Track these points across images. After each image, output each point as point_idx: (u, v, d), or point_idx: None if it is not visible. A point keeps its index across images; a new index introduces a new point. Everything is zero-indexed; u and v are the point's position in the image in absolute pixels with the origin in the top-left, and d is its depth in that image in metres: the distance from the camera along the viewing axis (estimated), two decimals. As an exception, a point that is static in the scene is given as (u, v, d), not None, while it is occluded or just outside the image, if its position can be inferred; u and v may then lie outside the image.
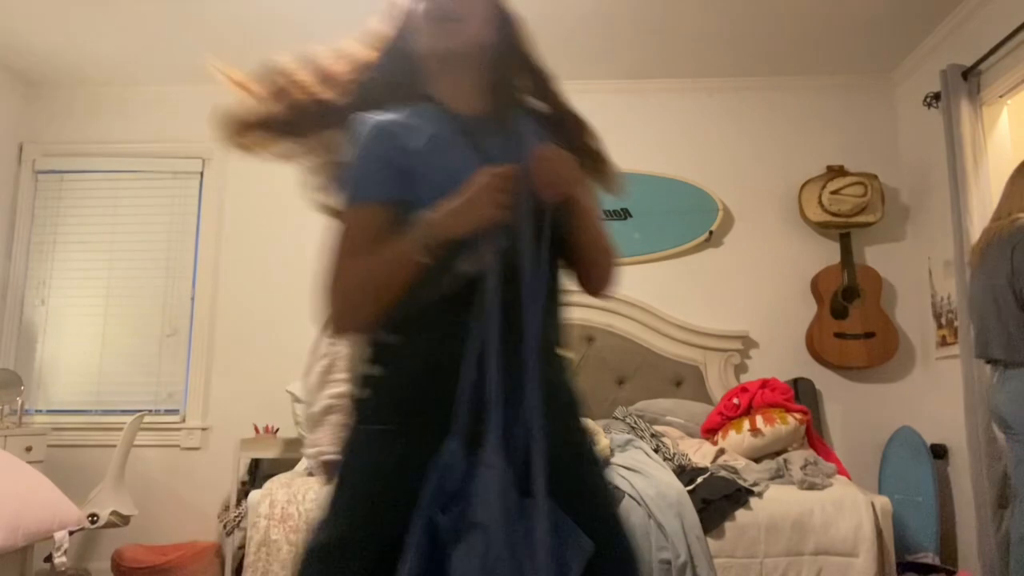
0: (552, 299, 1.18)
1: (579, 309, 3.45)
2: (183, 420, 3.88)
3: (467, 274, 1.08)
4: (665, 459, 2.80)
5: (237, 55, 3.98)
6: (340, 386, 1.52)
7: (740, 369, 3.82)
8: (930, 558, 3.13)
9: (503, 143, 1.18)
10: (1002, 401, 2.42)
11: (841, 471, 2.97)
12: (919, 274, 3.73)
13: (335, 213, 1.24)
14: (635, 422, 3.16)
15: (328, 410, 1.51)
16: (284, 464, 3.47)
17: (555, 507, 1.01)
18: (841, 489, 2.58)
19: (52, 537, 2.35)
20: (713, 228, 3.93)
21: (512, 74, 1.28)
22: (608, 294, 1.28)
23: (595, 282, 1.26)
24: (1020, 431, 2.36)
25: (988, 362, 2.57)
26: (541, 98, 1.31)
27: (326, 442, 1.45)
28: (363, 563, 1.03)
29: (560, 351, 1.20)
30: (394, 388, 1.12)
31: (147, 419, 3.73)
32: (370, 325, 1.17)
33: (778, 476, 2.75)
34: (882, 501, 2.54)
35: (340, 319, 1.21)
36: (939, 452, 3.42)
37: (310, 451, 1.47)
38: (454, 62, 1.22)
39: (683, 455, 2.86)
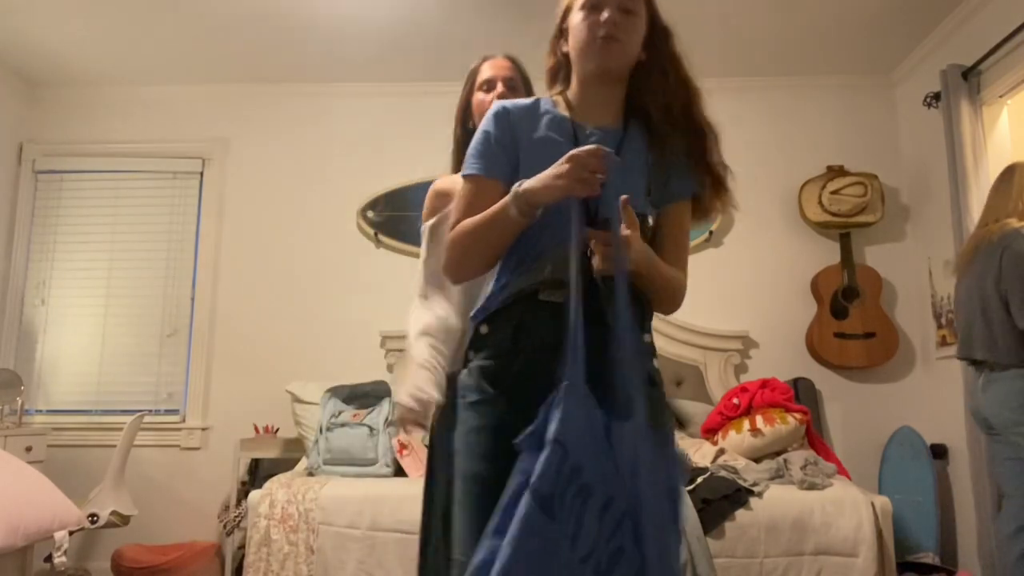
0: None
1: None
2: (183, 420, 3.88)
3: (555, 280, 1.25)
4: (665, 459, 2.80)
5: (237, 55, 4.03)
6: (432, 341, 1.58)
7: (740, 369, 3.82)
8: (930, 558, 3.13)
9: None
10: (985, 403, 2.46)
11: (841, 471, 2.97)
12: (919, 274, 3.73)
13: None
14: (635, 422, 3.15)
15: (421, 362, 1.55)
16: (284, 464, 3.48)
17: (655, 430, 1.15)
18: (841, 489, 2.58)
19: (52, 537, 2.35)
20: (713, 228, 3.93)
21: (649, 90, 1.39)
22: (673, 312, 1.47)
23: (663, 307, 1.47)
24: (1002, 432, 2.39)
25: (971, 364, 2.59)
26: (682, 111, 1.40)
27: (424, 384, 1.49)
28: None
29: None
30: (484, 368, 1.30)
31: (147, 419, 3.73)
32: (475, 274, 1.36)
33: (778, 476, 2.75)
34: (882, 501, 2.54)
35: (449, 267, 1.36)
36: (939, 452, 3.42)
37: (408, 391, 1.49)
38: (602, 78, 1.37)
39: (683, 455, 2.86)
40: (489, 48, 4.03)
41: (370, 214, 4.02)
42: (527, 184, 1.24)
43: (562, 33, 1.41)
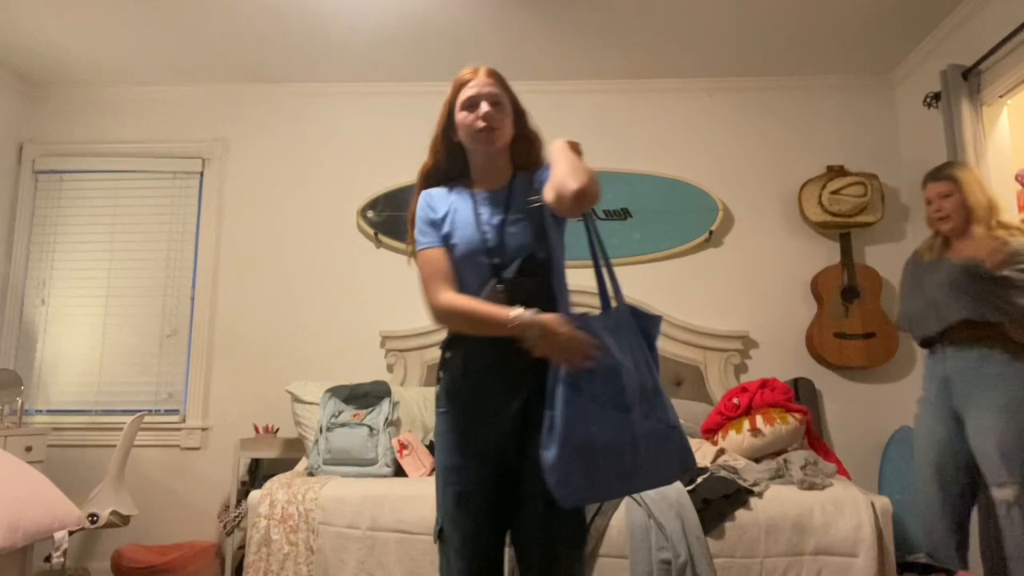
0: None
1: (579, 310, 3.44)
2: (183, 420, 3.88)
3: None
4: (665, 459, 2.80)
5: (237, 55, 4.03)
6: None
7: (740, 369, 3.82)
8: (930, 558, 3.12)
9: (496, 209, 1.75)
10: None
11: (841, 471, 2.97)
12: (919, 274, 3.73)
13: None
14: (635, 422, 3.15)
15: None
16: (284, 464, 3.48)
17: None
18: (841, 489, 2.57)
19: (52, 537, 2.35)
20: (713, 228, 3.93)
21: (520, 154, 1.81)
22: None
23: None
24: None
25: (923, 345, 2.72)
26: (533, 159, 1.81)
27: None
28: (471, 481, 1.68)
29: None
30: (446, 386, 1.74)
31: (147, 419, 3.73)
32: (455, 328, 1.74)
33: (778, 476, 2.75)
34: (882, 501, 2.53)
35: (437, 320, 1.73)
36: (939, 452, 3.42)
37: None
38: (488, 156, 1.79)
39: (683, 455, 2.86)
40: (489, 47, 4.05)
41: (370, 214, 4.02)
42: (538, 323, 1.57)
43: (448, 129, 1.81)
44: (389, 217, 3.99)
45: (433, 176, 1.87)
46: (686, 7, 3.39)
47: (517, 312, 1.57)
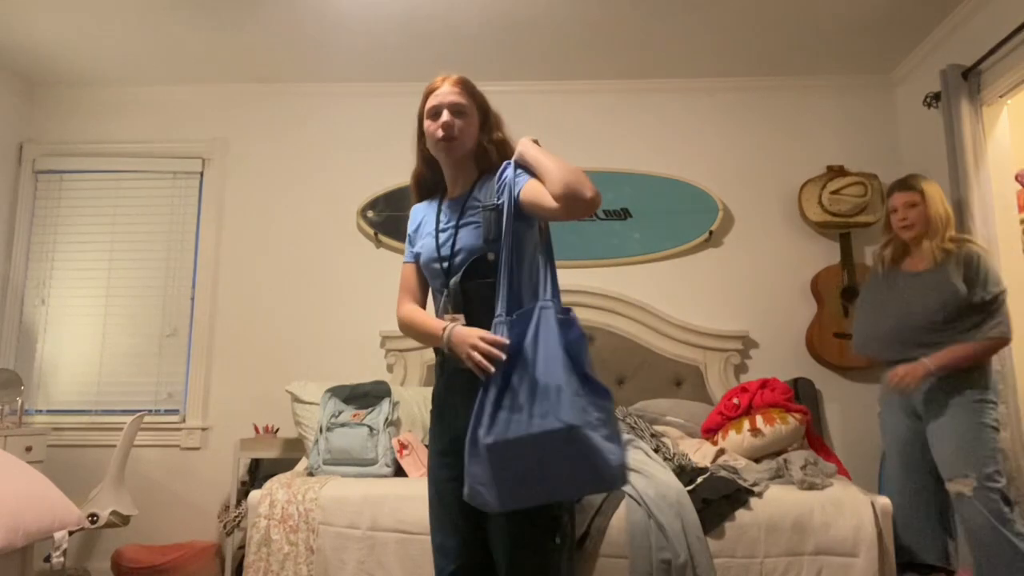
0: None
1: (579, 310, 3.44)
2: (183, 420, 3.88)
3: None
4: (665, 459, 2.80)
5: (237, 55, 4.02)
6: None
7: (740, 369, 3.82)
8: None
9: (453, 215, 1.80)
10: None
11: (841, 471, 2.97)
12: (919, 274, 3.73)
13: None
14: (635, 422, 3.15)
15: None
16: (284, 464, 3.48)
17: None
18: (841, 489, 2.57)
19: (52, 537, 2.35)
20: (713, 228, 3.93)
21: (484, 159, 1.82)
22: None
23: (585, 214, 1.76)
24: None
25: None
26: (499, 165, 1.80)
27: None
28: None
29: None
30: (434, 388, 1.85)
31: (147, 419, 3.73)
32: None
33: (778, 476, 2.74)
34: (882, 501, 2.53)
35: (400, 329, 1.87)
36: (939, 452, 3.42)
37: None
38: (450, 164, 1.84)
39: (683, 455, 2.86)
40: (489, 47, 4.04)
41: (370, 214, 4.02)
42: (454, 337, 1.66)
43: (422, 138, 1.86)
44: (389, 217, 3.99)
45: (422, 184, 1.94)
46: (686, 7, 3.39)
47: (446, 326, 1.67)
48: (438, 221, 1.81)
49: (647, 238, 3.95)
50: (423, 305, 1.89)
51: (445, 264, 1.75)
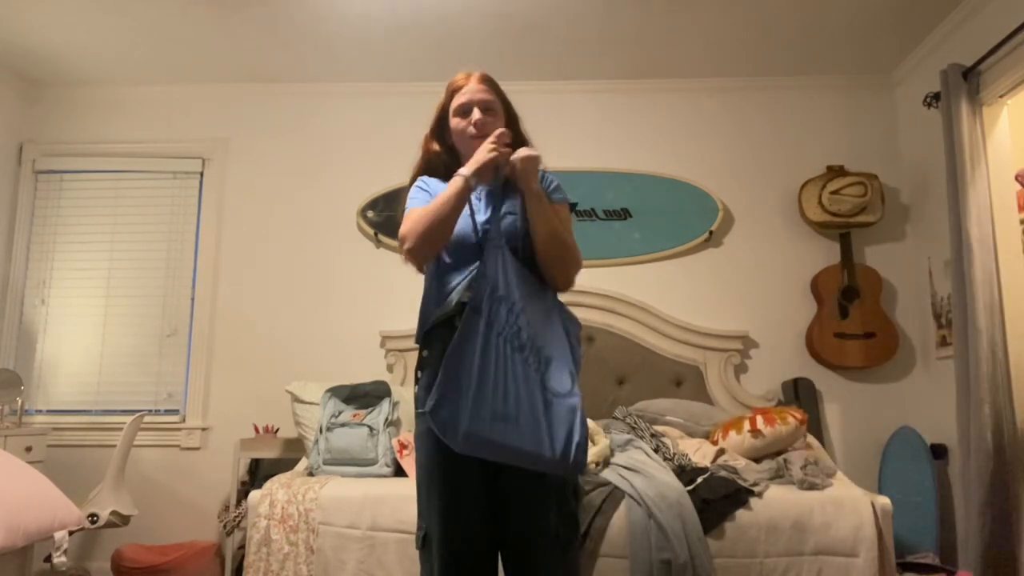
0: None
1: (579, 309, 3.44)
2: (183, 420, 3.88)
3: (461, 302, 1.73)
4: (665, 459, 2.80)
5: (237, 55, 4.02)
6: None
7: (740, 369, 3.82)
8: (930, 558, 3.13)
9: (491, 200, 1.85)
10: None
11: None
12: (919, 274, 3.74)
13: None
14: (635, 422, 3.15)
15: None
16: (284, 464, 3.48)
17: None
18: (841, 489, 2.57)
19: (52, 537, 2.35)
20: (713, 228, 3.93)
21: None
22: (568, 288, 1.84)
23: (559, 281, 1.82)
24: None
25: None
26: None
27: None
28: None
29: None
30: (426, 385, 1.80)
31: (147, 419, 3.73)
32: (440, 245, 1.77)
33: (778, 476, 2.75)
34: (882, 501, 2.53)
35: (409, 251, 1.76)
36: (939, 452, 3.42)
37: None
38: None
39: (683, 455, 2.86)
40: (489, 47, 4.04)
41: (370, 214, 4.02)
42: (471, 162, 1.74)
43: (440, 130, 1.92)
44: (389, 217, 3.99)
45: (435, 163, 1.95)
46: (687, 7, 3.39)
47: (462, 171, 1.73)
48: (470, 202, 1.81)
49: (647, 238, 3.95)
50: None
51: (481, 239, 1.78)
